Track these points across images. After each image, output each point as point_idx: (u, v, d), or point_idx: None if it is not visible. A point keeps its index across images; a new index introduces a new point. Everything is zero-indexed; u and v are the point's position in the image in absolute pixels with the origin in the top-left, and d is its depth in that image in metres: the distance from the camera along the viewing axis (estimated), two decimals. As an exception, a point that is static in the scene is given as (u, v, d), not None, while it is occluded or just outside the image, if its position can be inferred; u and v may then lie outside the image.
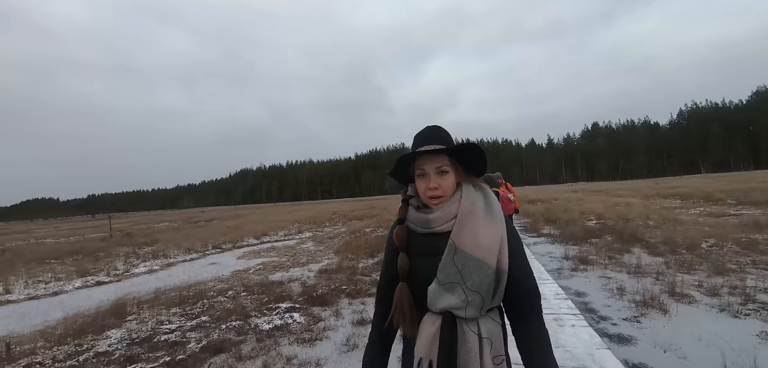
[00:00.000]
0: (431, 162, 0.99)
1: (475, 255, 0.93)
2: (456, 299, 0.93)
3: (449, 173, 1.00)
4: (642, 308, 3.97)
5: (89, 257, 10.74)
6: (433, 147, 0.99)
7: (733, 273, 4.93)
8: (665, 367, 2.79)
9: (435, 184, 0.99)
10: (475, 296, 0.93)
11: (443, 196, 1.00)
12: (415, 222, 1.02)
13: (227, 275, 7.29)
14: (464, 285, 0.93)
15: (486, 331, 0.94)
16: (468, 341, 0.93)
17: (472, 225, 0.96)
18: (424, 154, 0.99)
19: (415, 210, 1.04)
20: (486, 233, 0.95)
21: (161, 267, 8.82)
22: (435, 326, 0.95)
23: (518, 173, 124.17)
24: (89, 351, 3.75)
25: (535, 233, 10.19)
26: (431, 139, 1.01)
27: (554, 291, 4.70)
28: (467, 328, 0.94)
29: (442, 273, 0.95)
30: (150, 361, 3.42)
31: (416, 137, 1.05)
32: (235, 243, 12.28)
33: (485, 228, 0.96)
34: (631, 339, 3.31)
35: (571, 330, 3.44)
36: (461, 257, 0.94)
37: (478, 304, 0.93)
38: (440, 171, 0.99)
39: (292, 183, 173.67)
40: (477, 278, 0.93)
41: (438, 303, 0.95)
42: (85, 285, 7.46)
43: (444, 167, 0.99)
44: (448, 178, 1.00)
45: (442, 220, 0.98)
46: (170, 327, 4.21)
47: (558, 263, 6.39)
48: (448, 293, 0.94)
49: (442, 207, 1.00)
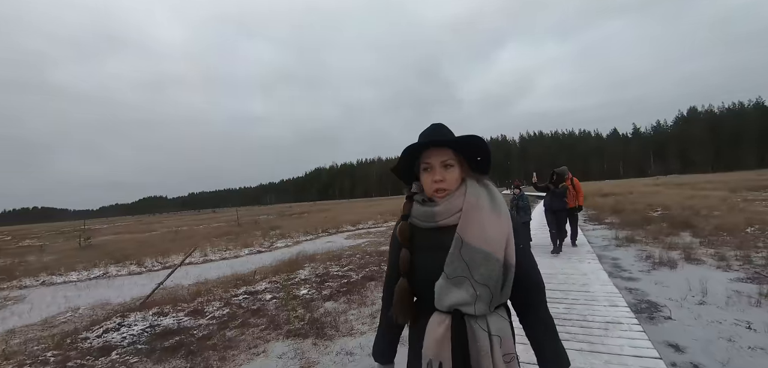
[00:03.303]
0: (436, 155, 1.01)
1: (483, 248, 0.93)
2: (464, 293, 0.93)
3: (454, 167, 1.01)
4: (657, 266, 5.60)
5: (236, 237, 14.47)
6: (438, 139, 1.00)
7: (755, 250, 6.16)
8: (650, 290, 4.56)
9: (440, 176, 1.00)
10: (484, 289, 0.93)
11: (448, 189, 1.01)
12: (420, 216, 1.03)
13: (346, 247, 10.01)
14: (472, 279, 0.93)
15: (495, 328, 0.94)
16: (479, 339, 0.93)
17: (478, 218, 0.97)
18: (429, 148, 1.01)
19: (419, 205, 1.05)
20: (492, 226, 0.96)
21: (294, 244, 11.97)
22: (443, 326, 0.95)
23: (598, 166, 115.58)
24: (295, 278, 6.48)
25: (598, 222, 11.44)
26: (436, 135, 1.02)
27: (592, 257, 6.43)
28: (477, 326, 0.94)
29: (450, 267, 0.95)
30: (334, 282, 5.99)
31: (421, 135, 1.05)
32: (338, 229, 15.35)
33: (491, 221, 0.97)
34: (638, 279, 5.05)
35: (596, 279, 5.25)
36: (468, 250, 0.94)
37: (487, 299, 0.94)
38: (445, 164, 1.00)
39: (362, 180, 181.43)
40: (485, 271, 0.93)
41: (446, 299, 0.95)
42: (250, 252, 10.78)
43: (449, 161, 1.00)
44: (453, 172, 1.01)
45: (447, 213, 0.99)
46: (335, 271, 6.83)
47: (607, 241, 7.94)
48: (456, 288, 0.94)
49: (447, 200, 1.01)
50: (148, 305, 5.34)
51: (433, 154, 1.01)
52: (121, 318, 4.71)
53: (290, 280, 6.26)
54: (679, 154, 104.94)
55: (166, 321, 4.55)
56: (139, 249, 12.27)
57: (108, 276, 8.86)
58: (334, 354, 3.38)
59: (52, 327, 5.14)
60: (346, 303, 4.84)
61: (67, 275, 9.15)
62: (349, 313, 4.44)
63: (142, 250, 12.00)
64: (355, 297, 5.05)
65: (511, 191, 7.50)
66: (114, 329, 4.39)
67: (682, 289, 4.44)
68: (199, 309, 4.93)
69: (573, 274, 5.17)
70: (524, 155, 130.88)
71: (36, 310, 6.20)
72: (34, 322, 5.47)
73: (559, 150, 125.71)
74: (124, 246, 14.32)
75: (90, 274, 9.10)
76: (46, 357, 3.84)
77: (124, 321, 4.56)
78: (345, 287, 5.62)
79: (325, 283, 5.93)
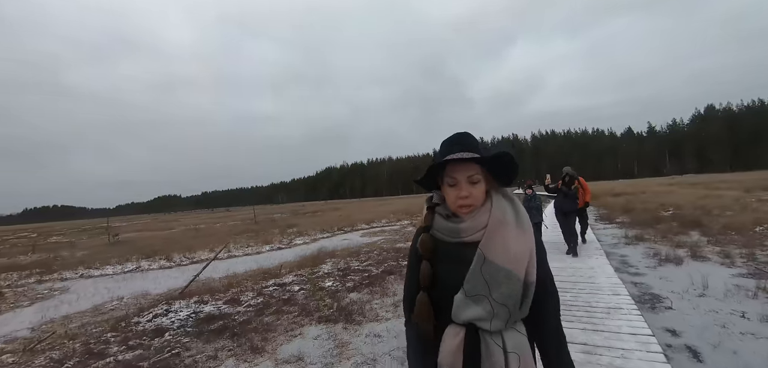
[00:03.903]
0: (463, 170, 0.97)
1: (505, 267, 0.92)
2: (481, 310, 0.92)
3: (480, 182, 0.99)
4: (663, 262, 5.88)
5: (256, 234, 15.06)
6: (466, 155, 0.96)
7: (761, 248, 6.37)
8: (654, 284, 4.86)
9: (466, 192, 0.97)
10: (502, 308, 0.92)
11: (474, 205, 0.98)
12: (443, 231, 1.01)
13: (363, 244, 10.44)
14: (491, 297, 0.92)
15: (512, 345, 0.93)
16: (493, 355, 0.92)
17: (502, 235, 0.95)
18: (454, 162, 0.97)
19: (443, 219, 1.02)
20: (517, 244, 0.95)
21: (312, 241, 12.46)
22: (458, 338, 0.95)
23: (612, 165, 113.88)
24: (319, 272, 6.93)
25: (609, 221, 11.64)
26: (461, 147, 0.99)
27: (601, 255, 6.72)
28: (491, 341, 0.93)
29: (469, 283, 0.94)
30: (355, 275, 6.41)
31: (443, 143, 1.04)
32: (353, 227, 15.82)
33: (516, 239, 0.95)
34: (644, 274, 5.35)
35: (602, 272, 5.56)
36: (489, 268, 0.93)
37: (504, 317, 0.93)
38: (472, 180, 0.97)
39: (373, 179, 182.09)
40: (505, 290, 0.92)
41: (462, 314, 0.94)
42: (271, 249, 11.30)
43: (475, 176, 0.98)
44: (479, 188, 0.98)
45: (473, 230, 0.97)
46: (356, 265, 7.26)
47: (616, 240, 8.19)
48: (473, 304, 0.93)
49: (473, 216, 0.98)
50: (186, 294, 5.84)
51: (459, 169, 0.98)
52: (167, 305, 5.21)
53: (314, 274, 6.70)
54: (695, 152, 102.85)
55: (208, 308, 5.03)
56: (165, 246, 12.92)
57: (141, 269, 9.46)
58: (363, 336, 3.80)
59: (102, 314, 5.68)
60: (369, 294, 5.25)
61: (103, 269, 9.78)
62: (373, 302, 4.86)
63: (168, 247, 12.63)
64: (377, 289, 5.47)
65: (523, 191, 7.77)
66: (162, 314, 4.88)
67: (684, 283, 4.73)
68: (235, 299, 5.41)
69: (581, 268, 5.52)
70: (537, 154, 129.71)
71: (83, 299, 6.77)
72: (85, 309, 6.02)
73: (572, 149, 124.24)
74: (150, 242, 15.02)
75: (124, 268, 9.71)
76: (107, 337, 4.35)
77: (170, 308, 5.05)
78: (367, 280, 6.04)
79: (348, 277, 6.36)
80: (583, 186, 7.46)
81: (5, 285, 8.64)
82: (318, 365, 3.26)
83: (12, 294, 7.62)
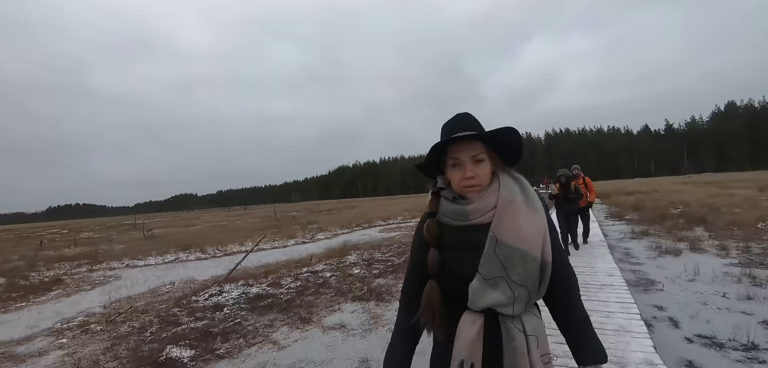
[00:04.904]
0: (466, 150, 0.95)
1: (520, 247, 0.90)
2: (501, 295, 0.90)
3: (485, 161, 0.96)
4: (663, 254, 6.40)
5: (280, 230, 15.93)
6: (468, 133, 0.94)
7: (758, 242, 6.81)
8: (651, 271, 5.41)
9: (471, 172, 0.94)
10: (522, 290, 0.91)
11: (480, 185, 0.96)
12: (450, 214, 0.98)
13: (383, 238, 11.13)
14: (509, 279, 0.90)
15: (531, 328, 0.92)
16: (514, 339, 0.90)
17: (513, 215, 0.93)
18: (457, 142, 0.95)
19: (449, 203, 0.99)
20: (529, 224, 0.93)
21: (333, 236, 13.22)
22: (476, 326, 0.92)
23: (628, 164, 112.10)
24: (345, 261, 7.64)
25: (618, 219, 12.07)
26: (463, 127, 0.97)
27: (604, 246, 7.26)
28: (512, 326, 0.91)
29: (485, 267, 0.91)
30: (379, 265, 7.10)
31: (445, 126, 1.01)
32: (370, 224, 16.56)
33: (527, 219, 0.93)
34: (643, 264, 5.90)
35: (602, 260, 6.12)
36: (504, 249, 0.90)
37: (525, 299, 0.92)
38: (476, 159, 0.95)
39: (385, 178, 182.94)
40: (523, 271, 0.90)
41: (481, 300, 0.91)
42: (296, 243, 12.09)
43: (480, 155, 0.95)
44: (484, 167, 0.95)
45: (481, 211, 0.95)
46: (379, 256, 7.96)
47: (622, 235, 8.69)
48: (492, 289, 0.90)
49: (481, 197, 0.96)
50: (231, 279, 6.62)
51: (462, 148, 0.95)
52: (218, 287, 6.00)
53: (342, 263, 7.42)
54: (715, 151, 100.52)
55: (254, 289, 5.79)
56: (197, 240, 13.86)
57: (180, 261, 10.34)
58: (393, 310, 4.48)
59: (160, 295, 6.49)
60: (394, 279, 5.94)
61: (145, 259, 10.71)
62: (399, 286, 5.54)
63: (200, 241, 13.56)
64: (400, 275, 6.15)
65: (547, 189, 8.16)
66: (216, 294, 5.66)
67: (678, 271, 5.28)
68: (276, 282, 6.16)
69: (583, 256, 6.17)
70: (550, 153, 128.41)
71: (137, 284, 7.63)
72: (143, 292, 6.85)
73: (587, 147, 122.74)
74: (181, 237, 16.02)
75: (164, 259, 10.62)
76: (174, 312, 5.14)
77: (222, 290, 5.83)
78: (391, 268, 6.72)
79: (373, 265, 7.05)
80: (588, 185, 7.42)
81: (61, 273, 9.61)
82: (358, 331, 3.96)
83: (71, 281, 8.54)
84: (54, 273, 9.49)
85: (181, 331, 4.32)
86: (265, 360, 3.41)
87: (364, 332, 3.92)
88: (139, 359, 3.66)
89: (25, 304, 6.60)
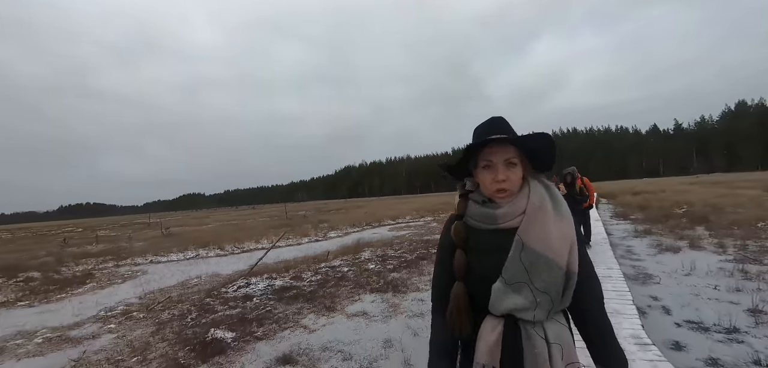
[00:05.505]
0: (500, 153, 0.95)
1: (546, 254, 0.90)
2: (523, 300, 0.90)
3: (517, 166, 0.96)
4: (663, 251, 6.74)
5: (291, 228, 16.42)
6: (503, 136, 0.95)
7: (756, 240, 7.11)
8: (650, 267, 5.76)
9: (503, 176, 0.94)
10: (544, 297, 0.91)
11: (511, 190, 0.96)
12: (478, 217, 0.99)
13: (393, 236, 11.55)
14: (532, 286, 0.90)
15: (554, 336, 0.92)
16: (535, 346, 0.90)
17: (542, 222, 0.93)
18: (491, 144, 0.95)
19: (478, 205, 1.00)
20: (557, 232, 0.92)
21: (344, 234, 13.68)
22: (496, 331, 0.92)
23: (636, 164, 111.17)
24: (358, 258, 8.07)
25: (623, 218, 12.36)
26: (496, 130, 0.98)
27: (605, 243, 7.61)
28: (533, 332, 0.91)
29: (508, 271, 0.91)
30: (393, 261, 7.52)
31: (477, 129, 1.02)
32: (380, 223, 17.00)
33: (556, 227, 0.93)
34: (644, 260, 6.25)
35: (603, 255, 6.48)
36: (529, 255, 0.91)
37: (547, 306, 0.91)
38: (509, 163, 0.95)
39: (391, 178, 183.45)
40: (547, 278, 0.90)
41: (502, 304, 0.92)
42: (309, 241, 12.57)
43: (513, 159, 0.95)
44: (516, 171, 0.96)
45: (511, 216, 0.95)
46: (392, 253, 8.38)
47: (625, 233, 9.02)
48: (514, 293, 0.91)
49: (511, 201, 0.96)
50: (255, 273, 7.09)
51: (495, 151, 0.96)
52: (245, 280, 6.47)
53: (357, 259, 7.86)
54: (725, 150, 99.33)
55: (278, 282, 6.25)
56: (214, 238, 14.39)
57: (200, 257, 10.85)
58: (409, 300, 4.91)
59: (190, 287, 6.97)
60: (408, 273, 6.36)
61: (168, 256, 11.25)
62: (413, 279, 5.96)
63: (217, 238, 14.09)
64: (414, 270, 6.57)
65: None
66: (244, 286, 6.13)
67: (675, 266, 5.63)
68: (298, 276, 6.61)
69: (587, 254, 6.48)
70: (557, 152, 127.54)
71: (165, 278, 8.13)
72: (173, 284, 7.34)
73: (594, 147, 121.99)
74: (198, 235, 16.60)
75: (186, 255, 11.15)
76: (207, 301, 5.61)
77: (249, 282, 6.30)
78: (404, 264, 7.15)
79: (387, 261, 7.48)
80: (587, 186, 7.38)
81: (90, 268, 10.18)
82: (379, 317, 4.39)
83: (101, 275, 9.09)
84: (83, 269, 10.06)
85: (218, 317, 4.78)
86: (298, 341, 3.85)
87: (385, 318, 4.35)
88: (186, 340, 4.12)
89: (65, 296, 7.13)
